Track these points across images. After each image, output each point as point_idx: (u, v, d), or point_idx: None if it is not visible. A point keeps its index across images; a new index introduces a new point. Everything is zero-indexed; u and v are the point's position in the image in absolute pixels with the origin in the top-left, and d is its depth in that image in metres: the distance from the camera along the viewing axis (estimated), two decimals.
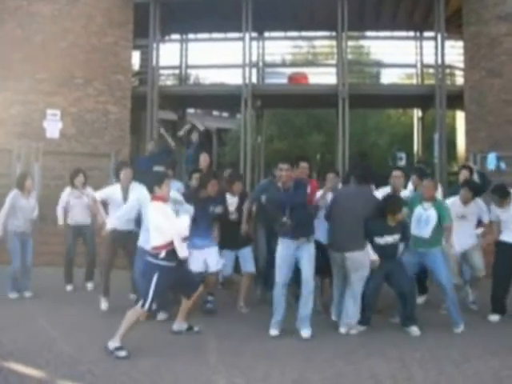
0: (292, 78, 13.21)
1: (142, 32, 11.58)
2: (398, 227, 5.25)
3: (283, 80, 13.75)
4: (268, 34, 14.40)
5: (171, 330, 5.10)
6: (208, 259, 5.62)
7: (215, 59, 20.92)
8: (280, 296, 5.08)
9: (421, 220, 5.45)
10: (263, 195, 5.85)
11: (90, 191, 6.85)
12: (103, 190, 6.14)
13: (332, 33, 13.02)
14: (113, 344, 4.41)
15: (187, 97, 13.29)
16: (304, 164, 5.59)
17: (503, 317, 5.67)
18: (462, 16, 11.12)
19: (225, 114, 23.10)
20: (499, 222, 5.82)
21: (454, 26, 11.81)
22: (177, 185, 6.62)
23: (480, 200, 6.03)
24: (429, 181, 5.63)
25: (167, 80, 14.89)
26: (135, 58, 12.64)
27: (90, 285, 7.08)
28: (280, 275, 5.08)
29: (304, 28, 14.38)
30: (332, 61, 14.90)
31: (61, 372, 4.07)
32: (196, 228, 5.25)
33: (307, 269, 5.02)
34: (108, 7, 11.28)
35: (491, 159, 9.48)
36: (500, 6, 10.67)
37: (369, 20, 13.17)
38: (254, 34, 12.61)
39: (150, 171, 6.38)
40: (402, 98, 13.34)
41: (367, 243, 5.22)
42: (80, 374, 4.03)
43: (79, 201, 6.92)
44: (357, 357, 4.52)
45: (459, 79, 12.45)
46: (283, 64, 17.20)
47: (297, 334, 4.99)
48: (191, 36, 14.58)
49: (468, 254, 5.93)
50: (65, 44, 10.88)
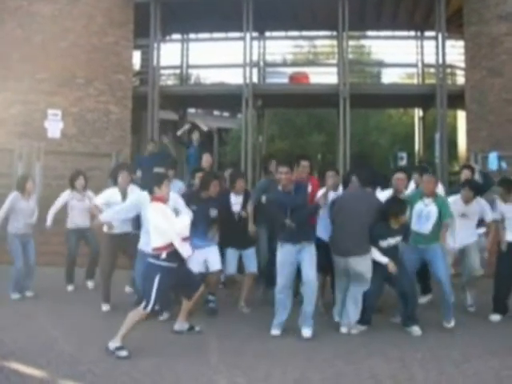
0: (293, 78, 13.22)
1: (143, 32, 11.60)
2: (401, 229, 5.23)
3: (284, 80, 13.76)
4: (269, 34, 14.42)
5: (172, 330, 5.10)
6: (209, 258, 5.61)
7: (216, 59, 20.90)
8: (283, 298, 5.04)
9: (421, 216, 5.43)
10: (264, 195, 5.83)
11: (91, 194, 6.86)
12: (102, 195, 6.04)
13: (333, 32, 13.02)
14: (113, 344, 4.41)
15: (188, 97, 13.30)
16: (305, 163, 5.54)
17: (503, 317, 5.67)
18: (463, 16, 11.14)
19: (226, 114, 23.15)
20: (503, 220, 5.78)
21: (455, 26, 11.82)
22: (178, 184, 6.63)
23: (482, 199, 6.00)
24: (429, 176, 5.60)
25: (168, 80, 14.90)
26: (136, 58, 12.67)
27: (91, 283, 7.07)
28: (281, 278, 5.02)
29: (305, 28, 14.39)
30: (333, 60, 14.90)
31: (62, 371, 4.07)
32: (195, 229, 5.24)
33: (310, 270, 4.97)
34: (109, 7, 11.30)
35: (492, 159, 9.44)
36: (501, 6, 10.68)
37: (370, 20, 13.18)
38: (255, 34, 12.63)
39: (150, 171, 6.36)
40: (403, 98, 13.35)
41: (371, 247, 5.15)
42: (81, 374, 4.03)
43: (80, 203, 6.89)
44: (357, 357, 4.52)
45: (460, 79, 12.47)
46: (284, 64, 17.20)
47: (298, 334, 4.99)
48: (192, 36, 14.61)
49: (466, 252, 5.90)
50: (65, 44, 10.89)
